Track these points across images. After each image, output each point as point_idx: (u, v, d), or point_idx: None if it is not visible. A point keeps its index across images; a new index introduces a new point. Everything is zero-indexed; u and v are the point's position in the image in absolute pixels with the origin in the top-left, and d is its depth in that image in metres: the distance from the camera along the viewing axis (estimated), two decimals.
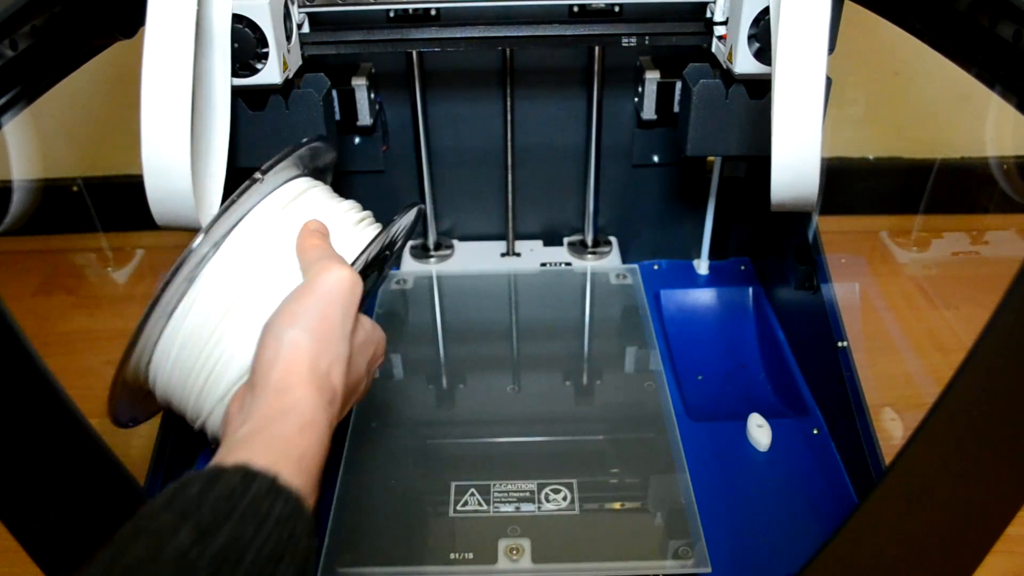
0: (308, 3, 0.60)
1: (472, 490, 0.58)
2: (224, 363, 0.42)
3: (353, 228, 0.48)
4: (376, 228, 0.49)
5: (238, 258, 0.43)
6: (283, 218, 0.45)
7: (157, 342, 0.43)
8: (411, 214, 0.50)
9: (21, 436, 0.40)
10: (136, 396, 0.46)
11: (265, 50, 0.54)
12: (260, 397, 0.35)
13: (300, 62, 0.61)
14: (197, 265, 0.42)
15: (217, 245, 0.43)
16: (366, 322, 0.42)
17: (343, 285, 0.39)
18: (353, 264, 0.43)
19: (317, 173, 0.53)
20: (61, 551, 0.43)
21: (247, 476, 0.30)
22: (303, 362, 0.36)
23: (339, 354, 0.38)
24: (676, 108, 0.71)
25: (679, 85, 0.68)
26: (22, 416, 0.40)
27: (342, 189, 0.81)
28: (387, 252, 0.49)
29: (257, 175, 0.43)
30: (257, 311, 0.41)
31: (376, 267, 0.48)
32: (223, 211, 0.42)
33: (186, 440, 0.63)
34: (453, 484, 0.58)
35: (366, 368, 0.42)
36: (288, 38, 0.57)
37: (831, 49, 0.47)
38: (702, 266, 0.86)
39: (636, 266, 0.83)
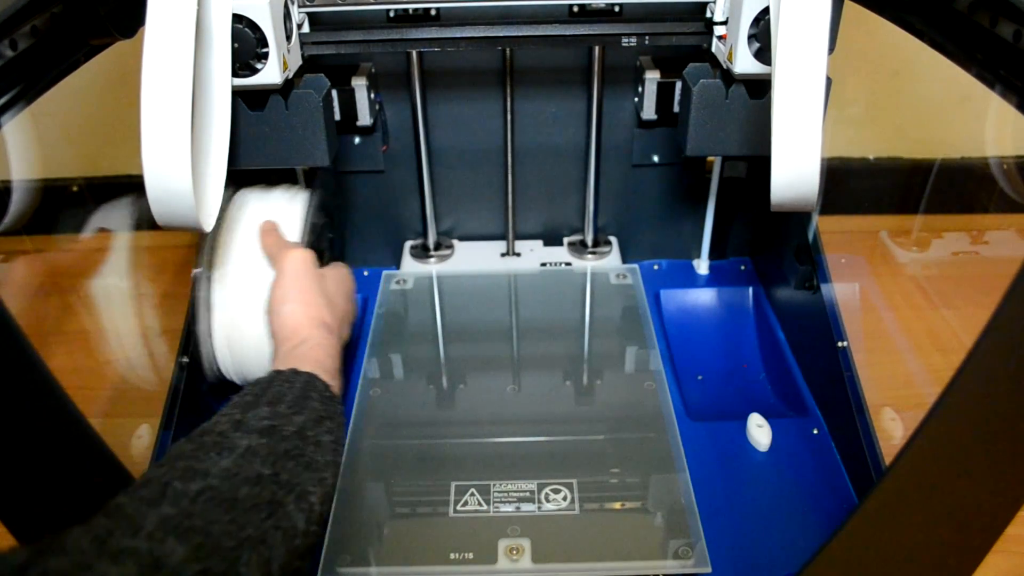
0: (308, 3, 0.60)
1: (472, 490, 0.58)
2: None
3: (288, 205, 0.62)
4: (299, 193, 0.64)
5: (231, 281, 0.59)
6: (244, 229, 0.60)
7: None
8: (314, 193, 0.65)
9: (21, 436, 0.40)
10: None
11: (265, 50, 0.54)
12: (282, 348, 0.51)
13: (300, 62, 0.61)
14: (208, 290, 0.58)
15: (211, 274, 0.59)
16: (329, 271, 0.58)
17: (299, 261, 0.54)
18: (302, 242, 0.59)
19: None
20: None
21: (285, 373, 0.46)
22: (302, 319, 0.52)
23: (321, 303, 0.53)
24: (676, 108, 0.71)
25: (679, 85, 0.68)
26: (22, 416, 0.40)
27: (343, 189, 0.81)
28: (322, 209, 0.66)
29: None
30: (256, 300, 0.57)
31: (324, 217, 0.66)
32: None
33: None
34: (453, 484, 0.58)
35: (344, 298, 0.58)
36: (288, 38, 0.57)
37: (831, 49, 0.47)
38: (702, 266, 0.86)
39: (636, 266, 0.83)
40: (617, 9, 0.62)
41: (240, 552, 0.33)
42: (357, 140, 0.77)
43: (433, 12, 0.62)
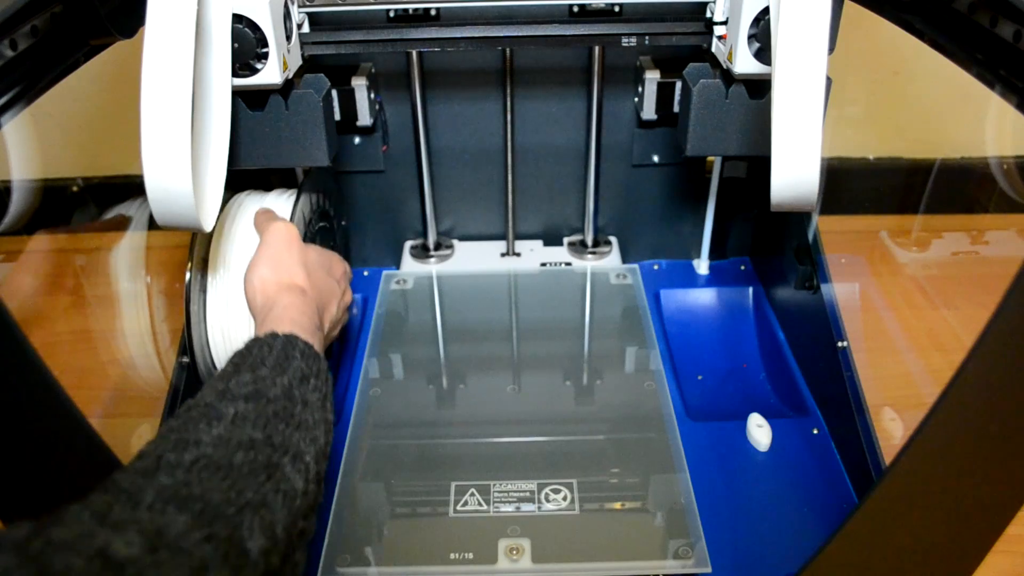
0: (308, 3, 0.60)
1: (472, 490, 0.58)
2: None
3: (287, 202, 0.62)
4: (295, 194, 0.63)
5: (227, 282, 0.59)
6: (239, 232, 0.60)
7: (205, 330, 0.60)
8: (315, 174, 0.66)
9: (21, 436, 0.40)
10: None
11: (265, 50, 0.54)
12: (257, 319, 0.51)
13: (300, 62, 0.61)
14: (203, 290, 0.59)
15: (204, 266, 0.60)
16: (314, 247, 0.57)
17: (280, 230, 0.54)
18: (291, 219, 0.58)
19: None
20: None
21: (268, 336, 0.46)
22: (271, 283, 0.51)
23: (294, 269, 0.52)
24: (676, 108, 0.71)
25: (679, 85, 0.68)
26: (22, 416, 0.40)
27: (343, 189, 0.81)
28: (324, 208, 0.68)
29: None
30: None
31: (325, 222, 0.68)
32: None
33: None
34: (453, 484, 0.58)
35: (326, 271, 0.57)
36: (288, 38, 0.57)
37: (831, 49, 0.47)
38: (702, 266, 0.86)
39: (636, 266, 0.83)
40: (617, 9, 0.62)
41: (242, 517, 0.33)
42: (357, 140, 0.77)
43: (433, 12, 0.62)
